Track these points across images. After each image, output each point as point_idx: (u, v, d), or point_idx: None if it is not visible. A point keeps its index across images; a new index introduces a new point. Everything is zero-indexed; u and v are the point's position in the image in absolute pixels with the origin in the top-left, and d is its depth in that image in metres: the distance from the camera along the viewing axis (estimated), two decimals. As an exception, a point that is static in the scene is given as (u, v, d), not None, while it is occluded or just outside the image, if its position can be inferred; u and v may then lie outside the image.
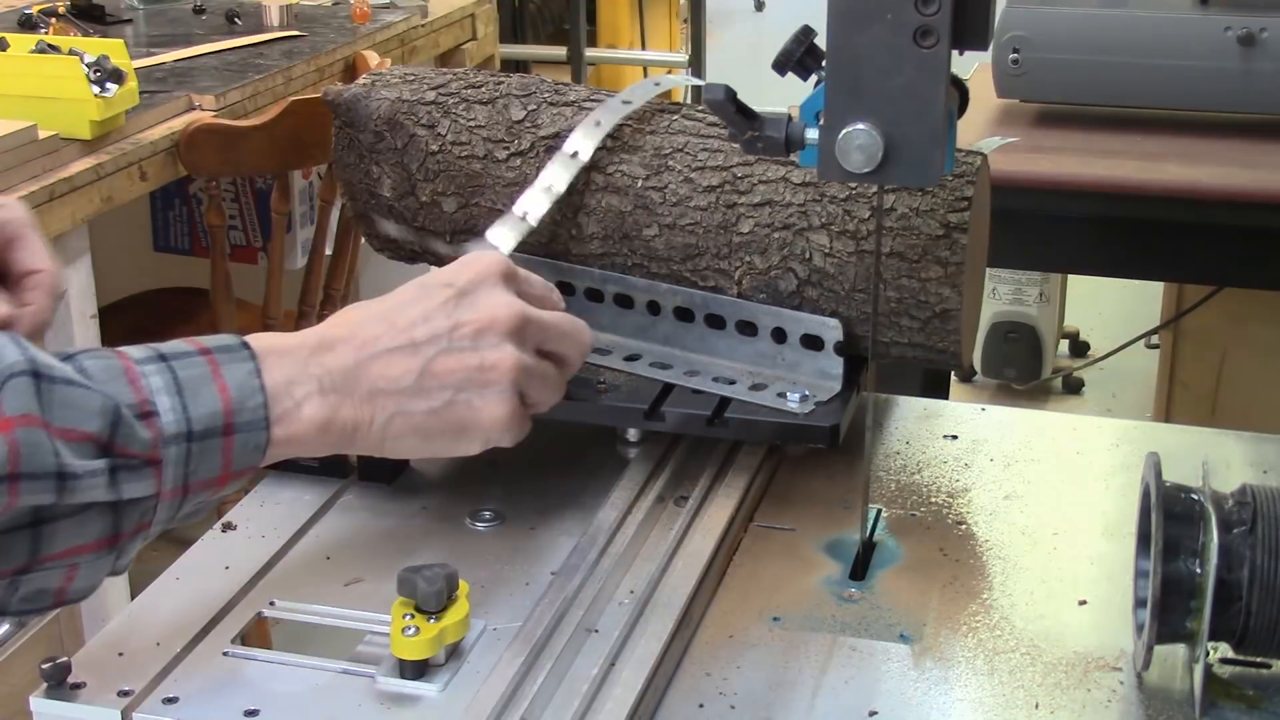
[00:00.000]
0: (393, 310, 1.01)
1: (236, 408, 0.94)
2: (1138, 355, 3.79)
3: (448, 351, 0.99)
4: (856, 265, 1.17)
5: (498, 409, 1.00)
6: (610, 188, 1.24)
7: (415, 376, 0.99)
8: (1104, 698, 0.97)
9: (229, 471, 0.95)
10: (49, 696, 0.95)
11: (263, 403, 0.95)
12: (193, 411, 0.93)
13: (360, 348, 0.99)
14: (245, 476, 0.97)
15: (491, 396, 1.00)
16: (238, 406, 0.94)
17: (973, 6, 0.98)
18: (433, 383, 0.99)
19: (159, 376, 0.93)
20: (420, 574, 0.96)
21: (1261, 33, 2.08)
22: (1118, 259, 2.16)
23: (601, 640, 0.98)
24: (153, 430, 0.91)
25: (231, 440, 0.94)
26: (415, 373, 0.99)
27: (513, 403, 1.00)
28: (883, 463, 1.25)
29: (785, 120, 1.04)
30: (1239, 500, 0.95)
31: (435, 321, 1.00)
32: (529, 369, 1.01)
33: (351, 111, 1.33)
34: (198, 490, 0.94)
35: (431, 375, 0.99)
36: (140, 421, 0.90)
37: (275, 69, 2.73)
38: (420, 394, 0.99)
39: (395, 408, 0.99)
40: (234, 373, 0.95)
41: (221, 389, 0.94)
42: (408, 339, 0.99)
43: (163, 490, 0.92)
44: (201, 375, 0.94)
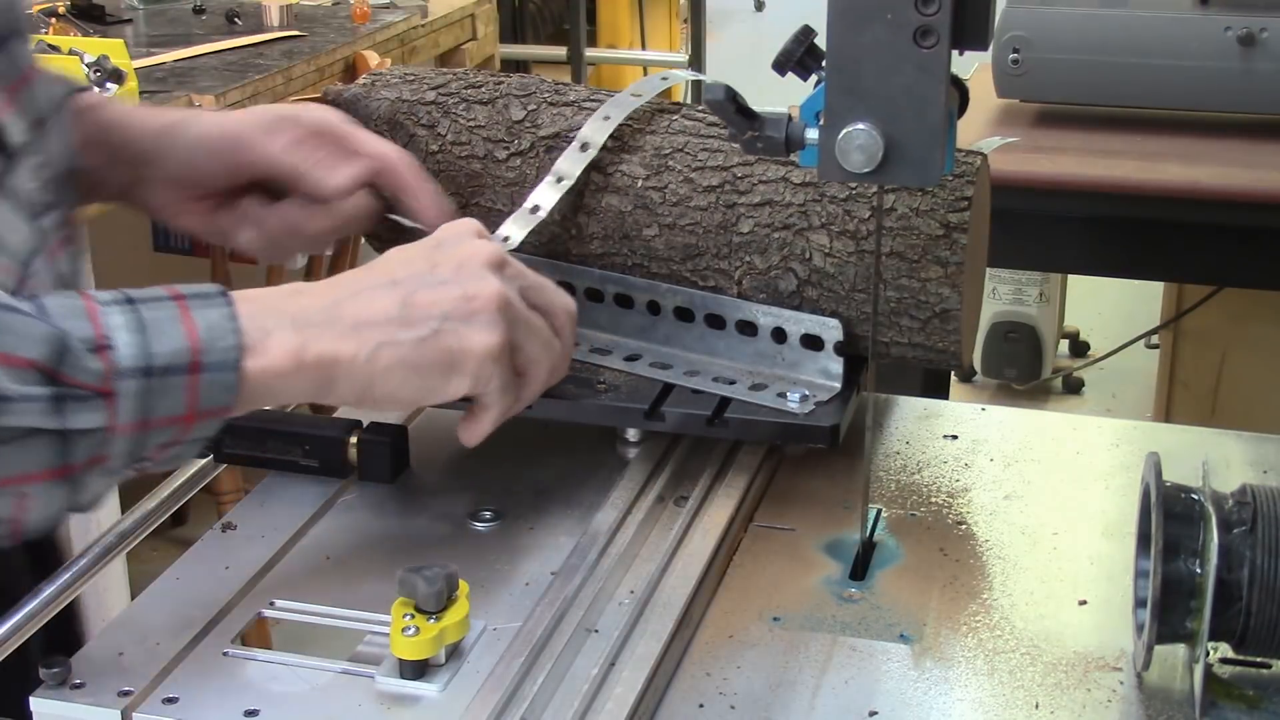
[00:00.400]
0: (368, 267, 1.02)
1: (205, 346, 0.94)
2: (1138, 355, 3.79)
3: (429, 285, 1.00)
4: (856, 265, 1.17)
5: (487, 336, 1.00)
6: (610, 188, 1.24)
7: (399, 307, 0.99)
8: (1104, 698, 0.97)
9: (195, 410, 0.95)
10: (49, 696, 0.95)
11: (235, 344, 0.95)
12: (155, 348, 0.93)
13: (337, 288, 1.00)
14: (218, 417, 0.97)
15: (479, 324, 1.00)
16: (206, 345, 0.94)
17: (973, 6, 0.98)
18: (417, 313, 0.99)
19: (121, 315, 0.94)
20: (420, 574, 0.96)
21: (1261, 33, 2.09)
22: (1118, 259, 2.16)
23: (601, 640, 0.98)
24: (105, 362, 0.91)
25: (198, 378, 0.94)
26: (398, 303, 0.99)
27: (501, 332, 1.00)
28: (883, 463, 1.25)
29: (785, 120, 1.04)
30: (1239, 500, 0.95)
31: (414, 264, 1.01)
32: (514, 306, 1.01)
33: (351, 111, 1.32)
34: (161, 426, 0.94)
35: (415, 306, 0.99)
36: (93, 354, 0.91)
37: (275, 69, 2.73)
38: (406, 324, 0.99)
39: (381, 336, 0.98)
40: (206, 315, 0.96)
41: (189, 328, 0.94)
42: (387, 277, 1.00)
43: (117, 424, 0.92)
44: (168, 316, 0.95)
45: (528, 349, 1.03)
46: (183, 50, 2.76)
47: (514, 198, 1.27)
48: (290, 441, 1.18)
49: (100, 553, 1.09)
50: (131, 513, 1.14)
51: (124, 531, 1.11)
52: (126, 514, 1.14)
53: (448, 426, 1.26)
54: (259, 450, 1.18)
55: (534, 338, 1.03)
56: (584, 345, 1.23)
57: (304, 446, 1.18)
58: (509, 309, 1.01)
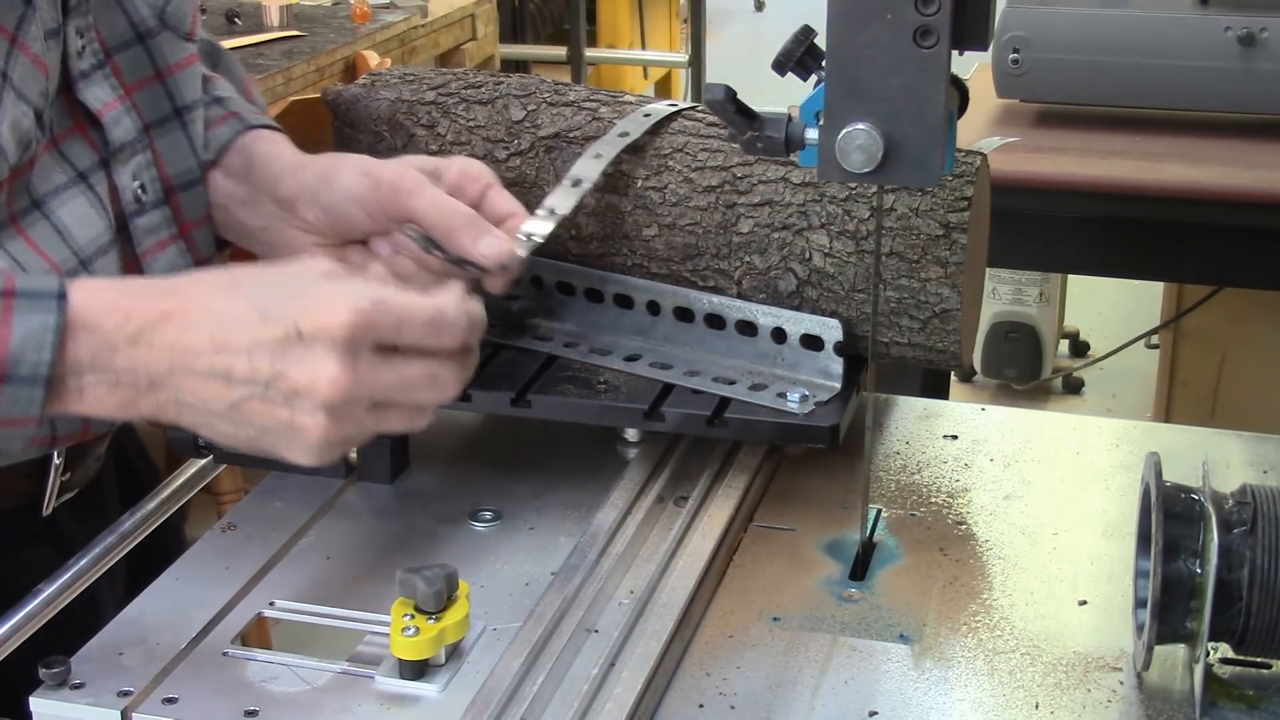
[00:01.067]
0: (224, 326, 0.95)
1: (14, 358, 0.92)
2: (1138, 355, 3.79)
3: (260, 399, 0.94)
4: (856, 265, 1.17)
5: (303, 457, 0.96)
6: (610, 188, 1.24)
7: (225, 406, 0.95)
8: (1104, 698, 0.97)
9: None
10: (49, 696, 0.95)
11: (49, 360, 0.92)
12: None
13: (177, 355, 0.94)
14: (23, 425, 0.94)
15: (297, 448, 0.95)
16: (15, 358, 0.92)
17: (973, 6, 0.98)
18: (241, 418, 0.95)
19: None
20: (420, 574, 0.96)
21: (1261, 33, 2.08)
22: (1118, 259, 2.16)
23: (601, 640, 0.98)
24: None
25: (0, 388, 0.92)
26: (225, 403, 0.95)
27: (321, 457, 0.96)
28: (883, 463, 1.25)
29: (785, 120, 1.04)
30: (1239, 500, 0.95)
31: (257, 361, 0.94)
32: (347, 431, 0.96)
33: (351, 111, 1.33)
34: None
35: (240, 412, 0.95)
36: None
37: (275, 69, 2.73)
38: (228, 421, 0.95)
39: (201, 420, 0.96)
40: (26, 322, 0.92)
41: (2, 338, 0.91)
42: (225, 368, 0.94)
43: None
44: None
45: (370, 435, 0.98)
46: (183, 50, 2.75)
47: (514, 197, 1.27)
48: (290, 441, 1.17)
49: (100, 553, 1.09)
50: (131, 513, 1.14)
51: (124, 532, 1.11)
52: (126, 514, 1.14)
53: (448, 427, 1.27)
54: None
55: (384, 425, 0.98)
56: (584, 345, 1.23)
57: (304, 446, 1.18)
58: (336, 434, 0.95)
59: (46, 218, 1.08)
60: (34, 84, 1.04)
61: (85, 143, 1.12)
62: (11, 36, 1.02)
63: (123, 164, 1.14)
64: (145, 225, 1.15)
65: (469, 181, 1.18)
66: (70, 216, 1.09)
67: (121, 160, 1.13)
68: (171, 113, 1.17)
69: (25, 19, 1.03)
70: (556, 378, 1.18)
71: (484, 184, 1.18)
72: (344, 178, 1.16)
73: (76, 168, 1.11)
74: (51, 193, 1.09)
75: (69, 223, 1.09)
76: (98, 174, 1.12)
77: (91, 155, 1.12)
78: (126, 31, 1.14)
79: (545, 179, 1.26)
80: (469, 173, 1.18)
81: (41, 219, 1.08)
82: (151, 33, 1.15)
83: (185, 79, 1.18)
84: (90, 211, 1.11)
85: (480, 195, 1.18)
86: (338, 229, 1.18)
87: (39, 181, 1.08)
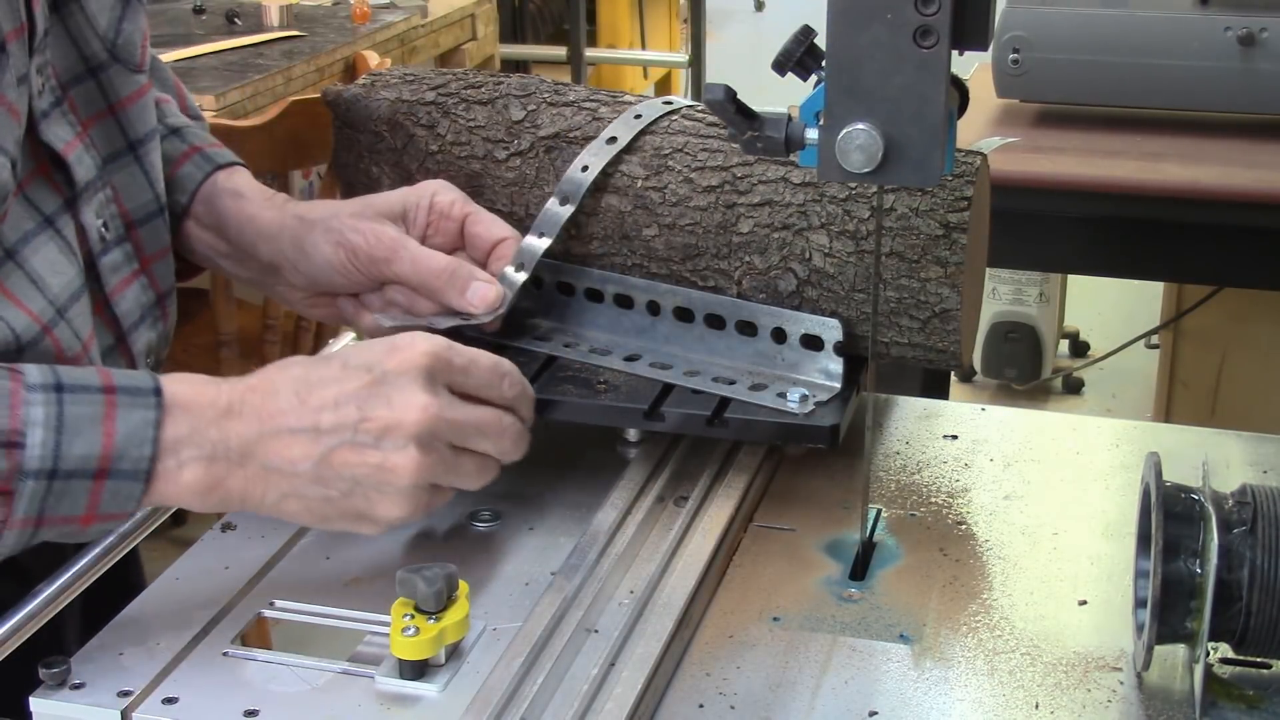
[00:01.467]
0: (309, 385, 0.99)
1: (117, 454, 0.94)
2: (1138, 355, 3.79)
3: (350, 445, 0.98)
4: (856, 265, 1.17)
5: (394, 509, 1.00)
6: (610, 188, 1.24)
7: (313, 464, 0.98)
8: (1104, 698, 0.97)
9: (94, 513, 0.95)
10: (49, 696, 0.95)
11: (150, 454, 0.95)
12: (65, 450, 0.93)
13: (265, 420, 0.98)
14: (116, 520, 0.97)
15: (389, 495, 0.99)
16: (119, 454, 0.94)
17: (973, 6, 0.98)
18: (330, 472, 0.98)
19: (43, 408, 0.93)
20: (420, 574, 0.96)
21: (1261, 33, 2.09)
22: (1118, 259, 2.16)
23: (601, 640, 0.98)
24: (11, 461, 0.92)
25: (103, 484, 0.94)
26: (313, 459, 0.98)
27: (412, 503, 1.00)
28: (883, 463, 1.25)
29: (785, 120, 1.04)
30: (1239, 500, 0.95)
31: (344, 410, 0.98)
32: (434, 469, 1.00)
33: (351, 111, 1.33)
34: (54, 524, 0.95)
35: (329, 465, 0.98)
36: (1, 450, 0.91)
37: (275, 69, 2.73)
38: (317, 481, 0.99)
39: (289, 489, 0.99)
40: (129, 418, 0.95)
41: (107, 433, 0.94)
42: (312, 423, 0.98)
43: (11, 518, 0.93)
44: (90, 415, 0.94)
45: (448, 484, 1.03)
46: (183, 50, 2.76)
47: (514, 198, 1.27)
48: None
49: (100, 553, 1.08)
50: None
51: (124, 532, 1.11)
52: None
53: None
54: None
55: (459, 479, 1.03)
56: (584, 345, 1.23)
57: (304, 446, 1.18)
58: (426, 477, 1.00)
59: (20, 267, 1.06)
60: (9, 133, 1.02)
61: (49, 185, 1.11)
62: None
63: (87, 203, 1.12)
64: (110, 263, 1.15)
65: (443, 220, 1.20)
66: (43, 265, 1.08)
67: (86, 199, 1.12)
68: (125, 147, 1.17)
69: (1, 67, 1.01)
70: (556, 378, 1.18)
71: (460, 216, 1.20)
72: (320, 250, 1.19)
73: (43, 212, 1.09)
74: (22, 240, 1.07)
75: (42, 271, 1.07)
76: (63, 217, 1.11)
77: (56, 198, 1.11)
78: (78, 65, 1.13)
79: (545, 179, 1.26)
80: (441, 209, 1.20)
81: (16, 269, 1.06)
82: (103, 66, 1.14)
83: (137, 111, 1.18)
84: (61, 258, 1.09)
85: (459, 227, 1.20)
86: (323, 290, 1.22)
87: (9, 230, 1.06)
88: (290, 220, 1.21)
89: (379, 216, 1.19)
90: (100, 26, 1.13)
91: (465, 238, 1.21)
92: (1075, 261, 2.39)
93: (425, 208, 1.20)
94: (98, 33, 1.14)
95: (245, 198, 1.24)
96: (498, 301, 1.17)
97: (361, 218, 1.19)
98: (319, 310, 1.26)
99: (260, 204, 1.23)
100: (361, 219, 1.19)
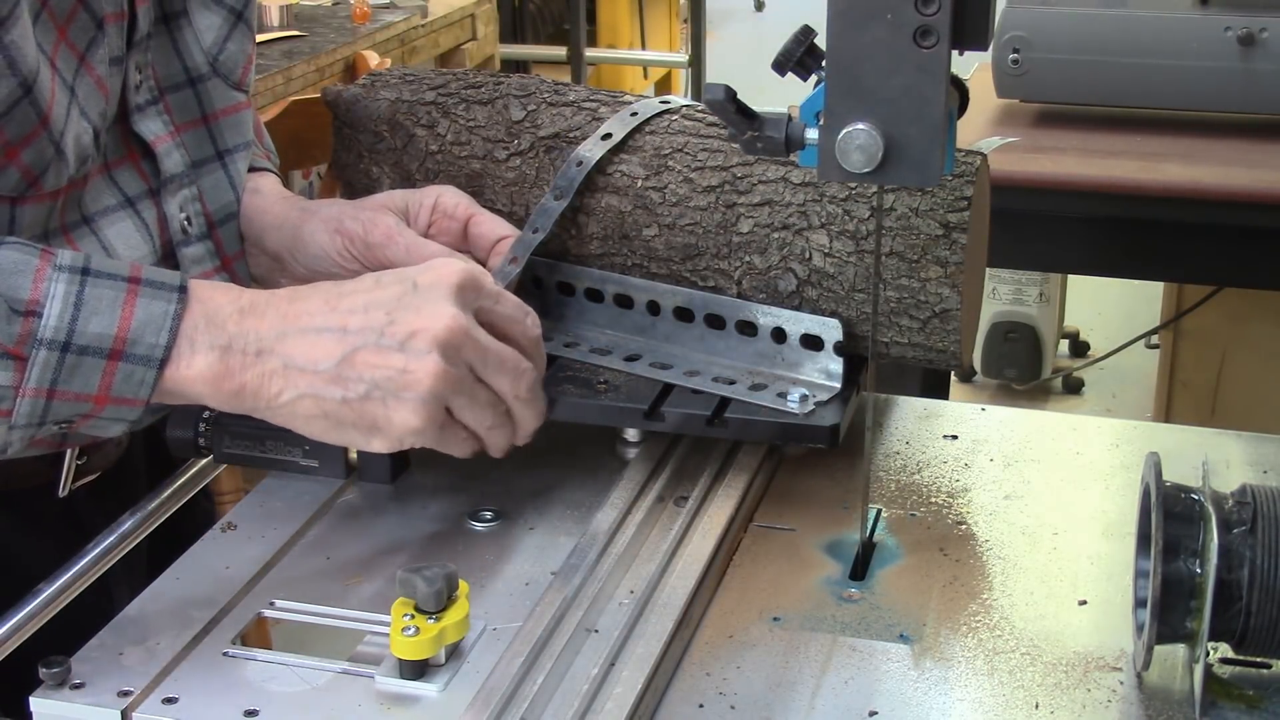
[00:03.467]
0: (340, 291, 1.02)
1: (133, 338, 0.97)
2: (1138, 355, 3.79)
3: (375, 348, 0.99)
4: (856, 265, 1.17)
5: (411, 416, 1.01)
6: (610, 188, 1.24)
7: (334, 363, 0.99)
8: (1104, 698, 0.97)
9: (106, 395, 0.97)
10: (49, 696, 0.95)
11: (166, 343, 0.97)
12: (80, 325, 0.96)
13: (288, 319, 1.00)
14: (131, 406, 0.99)
15: (407, 401, 1.00)
16: (134, 337, 0.97)
17: (973, 6, 0.98)
18: (351, 372, 0.99)
19: (64, 285, 0.96)
20: (420, 574, 0.96)
21: (1261, 33, 2.09)
22: (1118, 259, 2.16)
23: (601, 640, 0.98)
24: (24, 328, 0.95)
25: (116, 365, 0.97)
26: (335, 359, 0.99)
27: (428, 412, 1.01)
28: (883, 463, 1.25)
29: (785, 120, 1.04)
30: (1239, 500, 0.95)
31: (373, 314, 1.00)
32: (455, 384, 1.01)
33: (351, 111, 1.33)
34: (66, 399, 0.97)
35: (351, 365, 0.99)
36: (18, 316, 0.95)
37: (275, 69, 2.73)
38: (335, 381, 1.00)
39: (307, 387, 1.00)
40: (149, 307, 0.98)
41: (125, 316, 0.97)
42: (339, 323, 1.00)
43: (24, 386, 0.96)
44: (111, 298, 0.97)
45: (462, 415, 1.03)
46: (183, 50, 2.75)
47: (514, 198, 1.27)
48: (290, 442, 1.18)
49: (101, 553, 1.09)
50: (132, 513, 1.14)
51: (125, 532, 1.11)
52: (126, 514, 1.14)
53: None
54: (259, 450, 1.18)
55: (473, 409, 1.03)
56: (584, 345, 1.23)
57: (304, 447, 1.18)
58: (445, 389, 1.01)
59: (94, 233, 1.12)
60: (95, 104, 1.08)
61: (135, 172, 1.16)
62: (80, 56, 1.07)
63: (171, 195, 1.18)
64: (192, 255, 1.19)
65: (446, 220, 1.22)
66: (116, 236, 1.13)
67: (170, 191, 1.17)
68: (214, 155, 1.22)
69: (95, 43, 1.07)
70: (556, 378, 1.18)
71: (464, 217, 1.22)
72: (317, 237, 1.21)
73: (125, 194, 1.15)
74: (100, 212, 1.13)
75: (114, 241, 1.13)
76: (145, 202, 1.16)
77: (140, 184, 1.16)
78: (179, 74, 1.19)
79: (545, 179, 1.26)
80: (445, 209, 1.21)
81: (89, 234, 1.12)
82: (203, 78, 1.20)
83: (230, 124, 1.23)
84: (136, 235, 1.15)
85: (463, 228, 1.21)
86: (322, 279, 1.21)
87: (90, 200, 1.12)
88: (294, 212, 1.24)
89: (380, 208, 1.22)
90: (205, 42, 1.19)
91: (468, 238, 1.21)
92: (1075, 261, 2.39)
93: (429, 207, 1.21)
94: (202, 47, 1.19)
95: (261, 194, 1.27)
96: None
97: (362, 208, 1.22)
98: None
99: (273, 199, 1.26)
100: (362, 209, 1.22)
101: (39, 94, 1.01)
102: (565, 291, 1.26)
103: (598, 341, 1.24)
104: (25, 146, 1.02)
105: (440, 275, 1.02)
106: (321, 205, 1.25)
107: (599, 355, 1.22)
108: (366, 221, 1.19)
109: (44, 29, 1.03)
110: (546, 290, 1.26)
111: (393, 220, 1.20)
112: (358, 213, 1.21)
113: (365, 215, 1.20)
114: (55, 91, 1.03)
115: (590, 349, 1.22)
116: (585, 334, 1.24)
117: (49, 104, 1.03)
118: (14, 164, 1.02)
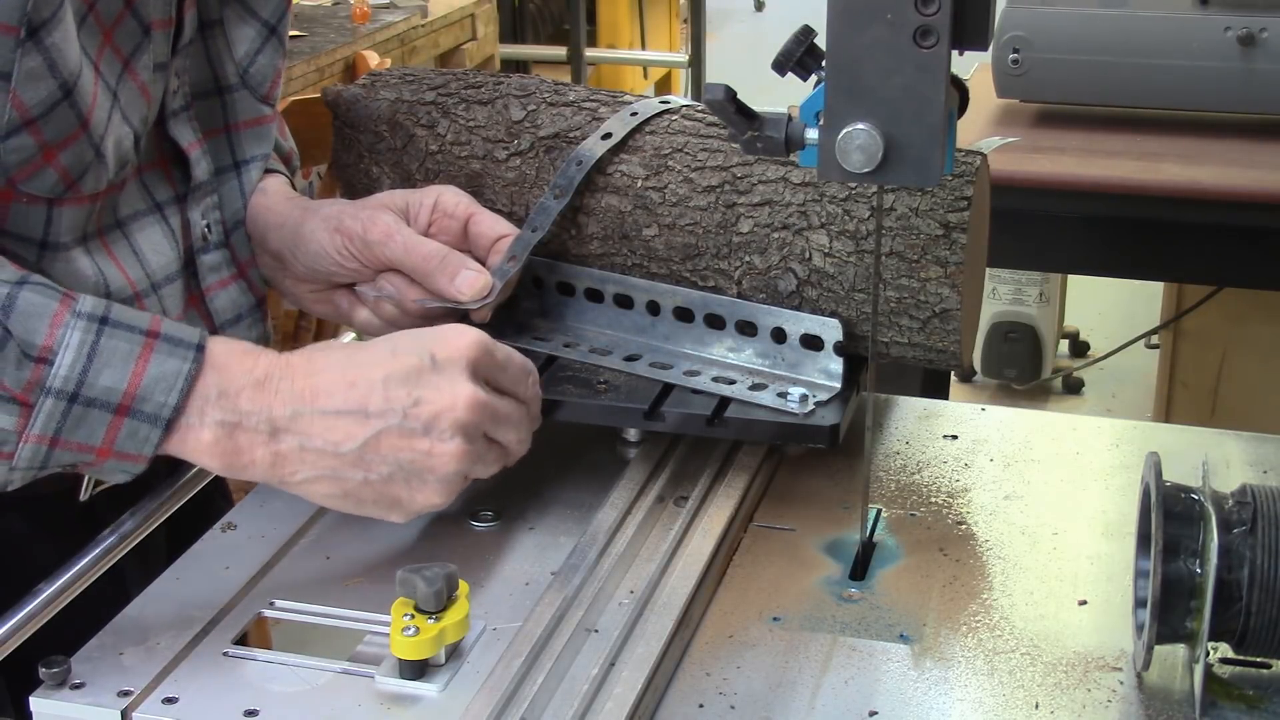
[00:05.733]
0: (356, 365, 1.01)
1: (142, 395, 0.97)
2: (1138, 355, 3.79)
3: (399, 430, 1.00)
4: (856, 265, 1.17)
5: (432, 497, 1.02)
6: (610, 188, 1.24)
7: (358, 446, 0.99)
8: (1104, 698, 0.97)
9: (109, 449, 0.97)
10: (49, 696, 0.95)
11: (175, 404, 0.97)
12: (90, 378, 0.95)
13: (305, 398, 1.00)
14: (132, 461, 0.99)
15: (429, 483, 1.01)
16: (143, 395, 0.97)
17: (973, 6, 0.98)
18: (374, 456, 1.00)
19: (81, 334, 0.96)
20: (420, 574, 0.96)
21: (1261, 33, 2.09)
22: (1118, 259, 2.16)
23: (601, 640, 0.98)
24: (34, 374, 0.94)
25: (122, 421, 0.96)
26: (359, 441, 0.99)
27: (448, 491, 1.02)
28: (883, 463, 1.25)
29: (785, 120, 1.04)
30: (1239, 500, 0.95)
31: (394, 393, 1.00)
32: (474, 459, 1.03)
33: (351, 111, 1.33)
34: (70, 449, 0.97)
35: (375, 449, 1.00)
36: (29, 362, 0.94)
37: (275, 69, 2.72)
38: (358, 464, 1.00)
39: (326, 469, 1.00)
40: (162, 364, 0.97)
41: (136, 372, 0.96)
42: (359, 404, 1.00)
43: (28, 433, 0.95)
44: (125, 351, 0.97)
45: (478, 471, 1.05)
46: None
47: (514, 198, 1.27)
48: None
49: (101, 553, 1.08)
50: (131, 513, 1.14)
51: (124, 532, 1.11)
52: (126, 514, 1.14)
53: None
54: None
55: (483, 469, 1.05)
56: (584, 345, 1.23)
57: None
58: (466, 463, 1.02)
59: (126, 238, 1.13)
60: (137, 109, 1.09)
61: (164, 177, 1.18)
62: (125, 61, 1.07)
63: (196, 202, 1.19)
64: (210, 263, 1.20)
65: (446, 219, 1.22)
66: (146, 242, 1.14)
67: (196, 198, 1.19)
68: (231, 164, 1.23)
69: (140, 48, 1.08)
70: (556, 378, 1.18)
71: (464, 216, 1.22)
72: (316, 236, 1.21)
73: (155, 199, 1.16)
74: (131, 216, 1.14)
75: (144, 247, 1.14)
76: (172, 207, 1.18)
77: (169, 190, 1.18)
78: (209, 82, 1.20)
79: (545, 179, 1.26)
80: (445, 209, 1.22)
81: (122, 238, 1.13)
82: (231, 88, 1.21)
83: (251, 136, 1.24)
84: (164, 241, 1.16)
85: (463, 227, 1.22)
86: (322, 279, 1.23)
87: (123, 204, 1.13)
88: (295, 211, 1.25)
89: (380, 206, 1.22)
90: (238, 54, 1.21)
91: (468, 237, 1.21)
92: (1075, 261, 2.39)
93: (429, 206, 1.21)
94: (233, 58, 1.21)
95: (266, 194, 1.27)
96: (485, 290, 1.18)
97: (362, 207, 1.22)
98: (321, 306, 1.28)
99: (277, 199, 1.27)
100: (361, 208, 1.22)
101: (79, 97, 1.02)
102: (565, 291, 1.26)
103: (598, 341, 1.24)
104: (64, 148, 1.03)
105: (456, 349, 1.02)
106: (322, 204, 1.25)
107: (599, 355, 1.22)
108: (365, 220, 1.20)
109: (89, 33, 1.03)
110: (546, 290, 1.26)
111: (391, 219, 1.20)
112: (357, 211, 1.21)
113: (364, 214, 1.21)
114: (97, 95, 1.04)
115: (590, 349, 1.22)
116: (585, 334, 1.24)
117: (90, 107, 1.03)
118: (52, 165, 1.03)
